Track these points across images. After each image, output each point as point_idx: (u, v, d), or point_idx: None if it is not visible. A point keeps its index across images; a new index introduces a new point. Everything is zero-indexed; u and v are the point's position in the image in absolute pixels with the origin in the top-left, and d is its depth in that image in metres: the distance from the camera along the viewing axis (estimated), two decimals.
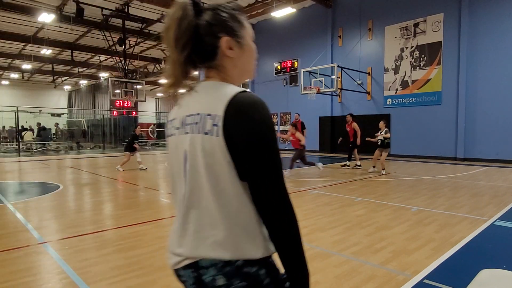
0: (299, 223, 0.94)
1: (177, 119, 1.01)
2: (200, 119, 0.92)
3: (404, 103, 14.40)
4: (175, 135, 1.00)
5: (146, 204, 5.80)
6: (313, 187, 7.33)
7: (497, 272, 1.38)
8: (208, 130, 0.89)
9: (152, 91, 41.90)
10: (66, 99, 38.90)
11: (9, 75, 30.91)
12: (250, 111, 0.87)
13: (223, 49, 0.97)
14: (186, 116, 0.97)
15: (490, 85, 12.12)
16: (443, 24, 13.14)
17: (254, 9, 17.76)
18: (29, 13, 16.14)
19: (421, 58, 13.82)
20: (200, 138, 0.90)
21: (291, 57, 18.77)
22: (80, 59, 26.75)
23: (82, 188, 7.49)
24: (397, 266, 3.05)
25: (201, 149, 0.90)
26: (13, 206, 5.63)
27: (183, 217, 0.96)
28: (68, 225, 4.52)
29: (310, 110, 17.72)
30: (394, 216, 4.85)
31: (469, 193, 6.51)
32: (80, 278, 2.85)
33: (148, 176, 9.60)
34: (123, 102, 17.97)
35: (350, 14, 16.03)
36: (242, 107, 0.87)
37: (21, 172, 10.78)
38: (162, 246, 3.62)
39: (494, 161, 11.90)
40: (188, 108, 0.98)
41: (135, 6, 16.90)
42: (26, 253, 3.48)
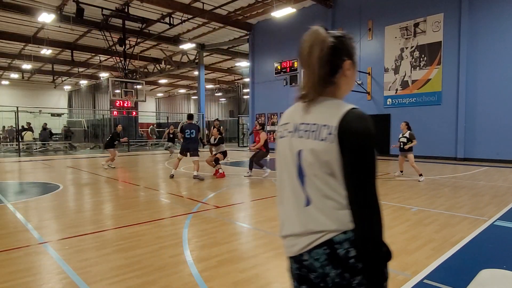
0: None
1: (291, 123, 1.24)
2: (316, 128, 1.14)
3: (404, 103, 14.40)
4: (287, 137, 1.23)
5: (146, 204, 5.80)
6: None
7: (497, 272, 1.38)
8: (323, 137, 1.11)
9: (152, 91, 41.90)
10: (66, 99, 38.91)
11: (9, 75, 30.91)
12: (359, 125, 1.08)
13: (344, 70, 1.18)
14: (300, 123, 1.19)
15: (490, 85, 12.12)
16: (443, 24, 13.14)
17: (254, 9, 17.76)
18: (29, 13, 16.14)
19: (421, 58, 13.82)
20: (316, 142, 1.12)
21: (291, 57, 18.75)
22: (80, 59, 26.74)
23: (82, 188, 7.49)
24: (397, 266, 3.05)
25: (314, 151, 1.12)
26: (13, 206, 5.63)
27: (305, 201, 1.16)
28: (68, 225, 4.52)
29: None
30: (394, 216, 4.85)
31: (469, 193, 6.51)
32: (80, 278, 2.85)
33: (148, 176, 9.60)
34: (123, 102, 17.97)
35: (350, 14, 16.03)
36: (351, 122, 1.09)
37: (21, 172, 10.78)
38: (162, 246, 3.63)
39: (494, 161, 11.91)
40: (304, 117, 1.19)
41: (135, 6, 16.90)
42: (26, 253, 3.48)
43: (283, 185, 1.24)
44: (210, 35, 21.72)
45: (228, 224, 4.52)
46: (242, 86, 34.76)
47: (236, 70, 31.11)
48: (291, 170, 1.20)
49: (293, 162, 1.19)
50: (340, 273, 1.07)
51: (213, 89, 38.48)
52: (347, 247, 1.07)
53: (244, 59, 24.16)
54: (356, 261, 1.06)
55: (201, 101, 25.44)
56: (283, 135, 1.25)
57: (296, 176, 1.18)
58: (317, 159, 1.11)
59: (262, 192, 6.86)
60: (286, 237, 1.20)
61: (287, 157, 1.22)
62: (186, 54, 24.88)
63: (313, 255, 1.11)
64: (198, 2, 16.66)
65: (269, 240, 3.82)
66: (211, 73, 32.26)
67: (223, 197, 6.39)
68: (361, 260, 1.06)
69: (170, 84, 38.41)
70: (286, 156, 1.23)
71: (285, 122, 1.26)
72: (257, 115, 21.21)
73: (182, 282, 2.78)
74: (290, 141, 1.21)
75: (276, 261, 3.22)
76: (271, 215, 4.94)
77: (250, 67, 21.60)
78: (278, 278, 2.89)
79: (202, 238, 3.93)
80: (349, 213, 1.08)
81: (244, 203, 5.91)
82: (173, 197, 6.41)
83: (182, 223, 4.56)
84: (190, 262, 3.20)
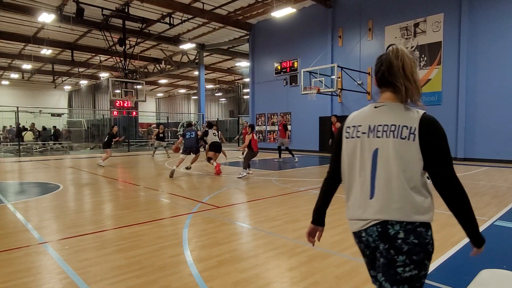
0: (300, 223, 0.99)
1: (363, 126, 1.44)
2: (395, 128, 1.35)
3: None
4: (360, 137, 1.43)
5: (146, 204, 5.80)
6: (313, 187, 7.33)
7: (497, 272, 1.38)
8: (404, 136, 1.33)
9: (152, 91, 41.91)
10: (66, 99, 38.92)
11: (9, 75, 30.92)
12: (435, 126, 1.35)
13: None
14: (377, 125, 1.40)
15: (490, 85, 12.11)
16: (443, 24, 13.14)
17: (254, 9, 17.76)
18: (29, 13, 16.15)
19: (421, 58, 13.82)
20: (397, 141, 1.33)
21: (291, 57, 18.77)
22: (80, 59, 26.75)
23: (82, 188, 7.49)
24: None
25: (394, 148, 1.33)
26: (13, 206, 5.63)
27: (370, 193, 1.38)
28: (68, 225, 4.52)
29: (310, 110, 17.73)
30: None
31: (469, 193, 6.42)
32: (80, 278, 2.85)
33: (148, 176, 9.60)
34: (123, 102, 17.97)
35: (350, 14, 16.03)
36: (430, 123, 1.34)
37: (21, 172, 10.78)
38: (163, 246, 3.63)
39: (494, 161, 11.90)
40: (379, 119, 1.41)
41: (135, 6, 16.90)
42: (26, 253, 3.48)
43: (352, 178, 1.46)
44: (210, 35, 21.73)
45: (228, 224, 4.52)
46: (242, 86, 34.77)
47: (236, 70, 31.12)
48: (363, 164, 1.41)
49: (367, 158, 1.40)
50: (386, 248, 1.33)
51: (213, 89, 38.49)
52: (398, 229, 1.31)
53: (244, 59, 24.16)
54: (402, 243, 1.30)
55: (201, 101, 25.45)
56: (354, 135, 1.46)
57: (369, 170, 1.39)
58: (397, 154, 1.33)
59: (262, 192, 6.86)
60: (351, 220, 1.47)
61: (358, 154, 1.43)
62: (186, 54, 24.88)
63: (368, 231, 1.38)
64: (198, 2, 16.66)
65: (269, 240, 3.82)
66: (211, 73, 32.27)
67: (223, 197, 6.39)
68: (461, 217, 1.37)
69: (170, 84, 38.41)
70: (357, 153, 1.43)
71: (357, 125, 1.46)
72: (257, 115, 21.21)
73: (182, 282, 2.78)
74: (364, 140, 1.42)
75: (276, 261, 3.22)
76: (271, 215, 4.94)
77: (250, 67, 21.60)
78: (278, 278, 2.89)
79: (202, 238, 3.93)
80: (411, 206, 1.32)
81: (244, 203, 5.91)
82: (173, 197, 6.41)
83: (182, 223, 4.56)
84: (190, 262, 3.20)
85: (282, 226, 4.36)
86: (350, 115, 1.54)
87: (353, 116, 1.51)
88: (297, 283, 2.76)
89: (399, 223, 1.31)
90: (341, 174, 1.54)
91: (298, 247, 3.58)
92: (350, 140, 1.46)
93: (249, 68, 22.01)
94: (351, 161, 1.46)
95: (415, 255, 1.29)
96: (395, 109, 1.41)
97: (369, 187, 1.38)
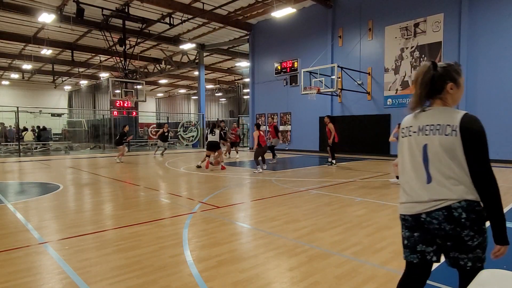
0: (300, 223, 0.99)
1: (414, 126, 1.78)
2: (440, 127, 1.67)
3: (404, 103, 14.39)
4: (412, 136, 1.78)
5: (146, 204, 5.80)
6: (313, 187, 7.33)
7: (497, 272, 1.38)
8: (448, 133, 1.63)
9: (152, 91, 41.91)
10: (66, 99, 38.91)
11: (9, 75, 30.91)
12: (475, 124, 1.61)
13: (447, 89, 1.74)
14: (425, 125, 1.73)
15: (490, 85, 12.11)
16: (443, 24, 13.14)
17: (254, 9, 17.76)
18: (29, 13, 16.14)
19: (421, 58, 13.82)
20: (442, 137, 1.65)
21: (291, 57, 18.77)
22: (80, 59, 26.75)
23: (82, 188, 7.49)
24: (398, 266, 3.05)
25: (440, 144, 1.65)
26: (13, 206, 5.64)
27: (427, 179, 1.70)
28: (68, 225, 4.52)
29: (310, 110, 17.72)
30: (394, 216, 4.85)
31: None
32: (80, 278, 2.85)
33: (148, 176, 9.60)
34: (123, 102, 17.97)
35: (350, 14, 16.02)
36: (470, 121, 1.61)
37: (21, 172, 10.78)
38: (163, 246, 3.63)
39: (494, 161, 11.89)
40: (426, 120, 1.73)
41: (135, 6, 16.90)
42: (26, 253, 3.48)
43: (407, 168, 1.79)
44: (210, 35, 21.72)
45: (228, 224, 4.52)
46: (242, 86, 34.75)
47: (236, 70, 31.11)
48: (417, 157, 1.74)
49: (419, 152, 1.73)
50: (453, 228, 1.62)
51: (213, 89, 38.47)
52: (460, 212, 1.60)
53: (244, 59, 24.16)
54: (465, 221, 1.60)
55: (201, 101, 25.45)
56: (407, 134, 1.82)
57: (421, 161, 1.72)
58: (443, 149, 1.64)
59: (262, 192, 6.86)
60: (407, 202, 1.76)
61: (413, 149, 1.76)
62: (186, 54, 24.88)
63: (433, 215, 1.66)
64: (198, 2, 16.66)
65: (269, 240, 3.82)
66: (211, 73, 32.26)
67: (223, 197, 6.39)
68: (489, 213, 1.60)
69: (170, 84, 38.41)
70: (411, 149, 1.77)
71: (409, 125, 1.81)
72: (257, 115, 21.21)
73: (182, 282, 2.78)
74: (415, 138, 1.76)
75: (276, 261, 3.22)
76: (271, 215, 4.94)
77: (250, 67, 21.60)
78: (278, 278, 2.89)
79: (202, 238, 3.93)
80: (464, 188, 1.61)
81: (244, 203, 5.91)
82: (173, 197, 6.41)
83: (182, 223, 4.56)
84: (190, 262, 3.20)
85: (282, 226, 4.36)
86: (405, 118, 1.90)
87: (407, 119, 1.87)
88: (297, 283, 2.76)
89: (460, 206, 1.61)
90: None
91: (298, 247, 3.58)
92: (405, 138, 1.83)
93: (249, 68, 22.01)
94: (406, 154, 1.81)
95: (476, 226, 1.61)
96: (440, 111, 1.73)
97: (424, 175, 1.71)
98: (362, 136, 15.78)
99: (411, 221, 1.76)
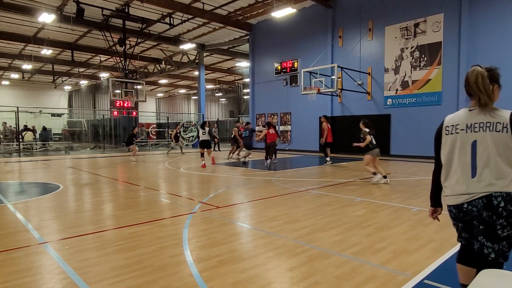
0: (300, 223, 0.99)
1: (461, 124, 1.95)
2: (490, 124, 1.84)
3: (404, 103, 14.39)
4: (459, 133, 1.95)
5: (146, 204, 5.80)
6: (313, 187, 7.33)
7: (497, 272, 1.38)
8: (499, 129, 1.82)
9: (152, 91, 41.92)
10: (66, 99, 38.92)
11: (9, 75, 30.92)
12: None
13: (493, 90, 1.94)
14: (473, 123, 1.90)
15: None
16: (443, 24, 13.14)
17: (254, 9, 17.76)
18: (30, 13, 16.15)
19: (421, 58, 13.82)
20: (493, 133, 1.83)
21: (291, 57, 18.77)
22: (80, 59, 26.76)
23: (82, 188, 7.49)
24: (398, 267, 3.05)
25: (492, 139, 1.82)
26: (13, 206, 5.64)
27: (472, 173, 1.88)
28: (68, 225, 4.52)
29: (310, 110, 17.72)
30: (394, 216, 4.85)
31: None
32: (80, 278, 2.85)
33: (148, 176, 9.60)
34: (123, 102, 17.97)
35: (350, 14, 16.03)
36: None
37: (21, 172, 10.78)
38: (163, 246, 3.63)
39: None
40: (475, 118, 1.91)
41: (135, 6, 16.90)
42: (26, 253, 3.48)
43: (452, 163, 1.98)
44: (210, 35, 21.73)
45: (228, 224, 4.52)
46: (242, 86, 34.76)
47: (236, 70, 31.12)
48: (464, 153, 1.92)
49: (467, 148, 1.90)
50: (489, 215, 1.79)
51: (213, 89, 38.48)
52: (500, 200, 1.77)
53: (244, 59, 24.16)
54: (502, 210, 1.77)
55: (201, 101, 25.45)
56: (453, 132, 1.98)
57: (469, 156, 1.89)
58: (494, 144, 1.81)
59: (262, 192, 6.86)
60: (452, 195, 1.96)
61: (460, 145, 1.94)
62: (186, 54, 24.88)
63: (474, 203, 1.84)
64: (198, 2, 16.66)
65: (269, 240, 3.82)
66: (211, 73, 32.26)
67: (223, 197, 6.39)
68: None
69: (170, 84, 38.41)
70: (457, 145, 1.95)
71: (455, 124, 1.98)
72: (257, 115, 21.21)
73: (182, 282, 2.78)
74: (463, 135, 1.93)
75: (276, 261, 3.22)
76: (271, 215, 4.94)
77: (250, 67, 21.60)
78: (278, 278, 2.89)
79: (202, 238, 3.93)
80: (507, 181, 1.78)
81: (244, 203, 5.91)
82: (173, 197, 6.41)
83: (182, 223, 4.56)
84: (190, 262, 3.20)
85: (282, 226, 4.36)
86: (446, 117, 2.07)
87: (450, 118, 2.04)
88: (297, 283, 2.76)
89: (500, 195, 1.78)
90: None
91: (298, 247, 3.58)
92: (449, 136, 1.99)
93: (249, 68, 22.01)
94: (451, 150, 1.98)
95: (511, 218, 1.77)
96: (486, 110, 1.90)
97: (469, 169, 1.88)
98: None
99: (455, 212, 1.99)
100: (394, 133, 14.79)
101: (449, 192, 1.98)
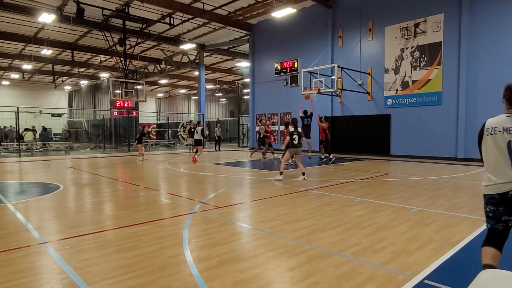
0: (300, 223, 0.99)
1: (499, 127, 2.40)
2: None
3: (404, 103, 14.39)
4: (497, 134, 2.39)
5: (146, 204, 5.80)
6: (313, 187, 7.33)
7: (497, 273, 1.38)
8: None
9: (152, 91, 41.92)
10: (67, 100, 38.92)
11: (9, 75, 30.92)
12: None
13: None
14: (509, 127, 2.34)
15: (491, 85, 12.11)
16: (444, 24, 13.14)
17: (254, 9, 17.76)
18: (30, 14, 16.15)
19: (421, 59, 13.82)
20: None
21: (291, 57, 18.77)
22: (80, 59, 26.76)
23: (83, 188, 7.49)
24: (398, 267, 3.05)
25: None
26: (14, 206, 5.64)
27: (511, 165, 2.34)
28: (68, 225, 4.52)
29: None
30: (394, 216, 4.85)
31: (469, 194, 6.51)
32: (80, 278, 2.85)
33: (148, 176, 9.60)
34: (124, 103, 17.96)
35: (350, 14, 16.02)
36: None
37: (21, 172, 10.78)
38: (163, 246, 3.63)
39: None
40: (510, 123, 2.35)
41: (135, 6, 16.90)
42: (26, 253, 3.48)
43: (493, 158, 2.42)
44: (210, 35, 21.73)
45: (228, 224, 4.52)
46: (242, 86, 34.76)
47: (236, 70, 31.11)
48: (502, 150, 2.36)
49: (504, 146, 2.35)
50: None
51: (213, 89, 38.48)
52: None
53: (244, 59, 24.16)
54: None
55: (201, 101, 25.44)
56: (492, 133, 2.43)
57: (506, 153, 2.34)
58: None
59: (262, 192, 6.86)
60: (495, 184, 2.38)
61: (498, 144, 2.38)
62: (187, 54, 24.88)
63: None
64: (198, 3, 16.66)
65: (269, 240, 3.82)
66: (211, 73, 32.26)
67: (223, 197, 6.39)
68: None
69: (171, 85, 38.41)
70: (495, 143, 2.39)
71: (494, 126, 2.43)
72: (257, 115, 21.21)
73: (182, 282, 2.78)
74: (501, 136, 2.37)
75: (276, 261, 3.22)
76: (271, 215, 4.94)
77: (250, 67, 21.59)
78: (278, 278, 2.89)
79: (202, 238, 3.93)
80: None
81: (244, 203, 5.91)
82: (173, 197, 6.41)
83: (182, 223, 4.56)
84: (190, 262, 3.20)
85: (282, 226, 4.36)
86: (487, 121, 2.52)
87: (491, 121, 2.49)
88: (297, 283, 2.76)
89: None
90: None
91: (298, 247, 3.58)
92: (489, 136, 2.45)
93: (249, 68, 22.01)
94: (491, 148, 2.42)
95: None
96: None
97: (509, 162, 2.33)
98: (362, 136, 15.79)
99: (498, 199, 2.38)
100: (394, 133, 14.79)
101: (492, 182, 2.40)
